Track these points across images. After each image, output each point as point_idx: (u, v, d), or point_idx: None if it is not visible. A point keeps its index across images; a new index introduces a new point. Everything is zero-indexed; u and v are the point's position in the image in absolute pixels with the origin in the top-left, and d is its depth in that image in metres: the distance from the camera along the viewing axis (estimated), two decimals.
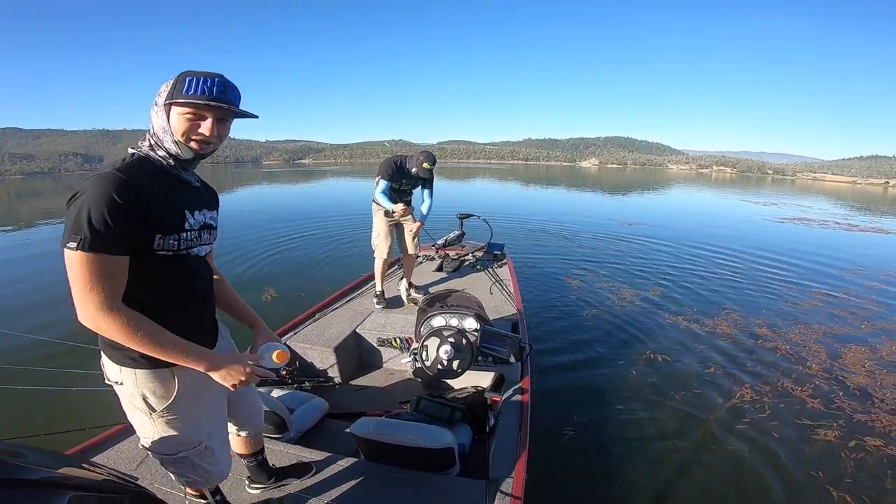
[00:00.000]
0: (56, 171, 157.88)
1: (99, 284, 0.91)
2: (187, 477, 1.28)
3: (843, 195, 34.32)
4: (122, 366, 1.08)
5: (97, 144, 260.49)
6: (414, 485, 1.66)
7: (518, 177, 43.49)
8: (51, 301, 5.39)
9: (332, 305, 3.50)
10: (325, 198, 19.93)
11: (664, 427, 2.93)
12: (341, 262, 7.18)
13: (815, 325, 4.77)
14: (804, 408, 3.18)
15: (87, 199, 0.90)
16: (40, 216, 14.71)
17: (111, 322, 0.93)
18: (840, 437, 2.86)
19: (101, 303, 0.92)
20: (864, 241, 10.83)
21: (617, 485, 2.41)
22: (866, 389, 3.44)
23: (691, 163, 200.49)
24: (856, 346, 4.22)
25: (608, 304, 5.20)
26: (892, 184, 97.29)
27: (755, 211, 16.73)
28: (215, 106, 1.01)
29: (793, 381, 3.55)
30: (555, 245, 8.63)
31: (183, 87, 0.99)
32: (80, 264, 0.90)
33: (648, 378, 3.52)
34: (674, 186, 34.84)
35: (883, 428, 2.96)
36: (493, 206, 15.02)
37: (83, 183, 0.93)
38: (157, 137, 1.05)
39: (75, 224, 0.90)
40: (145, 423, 1.16)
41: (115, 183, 0.93)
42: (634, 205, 18.78)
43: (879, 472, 2.56)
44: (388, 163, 3.39)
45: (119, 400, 1.17)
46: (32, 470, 0.76)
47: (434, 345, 2.21)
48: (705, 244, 9.07)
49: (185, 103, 1.00)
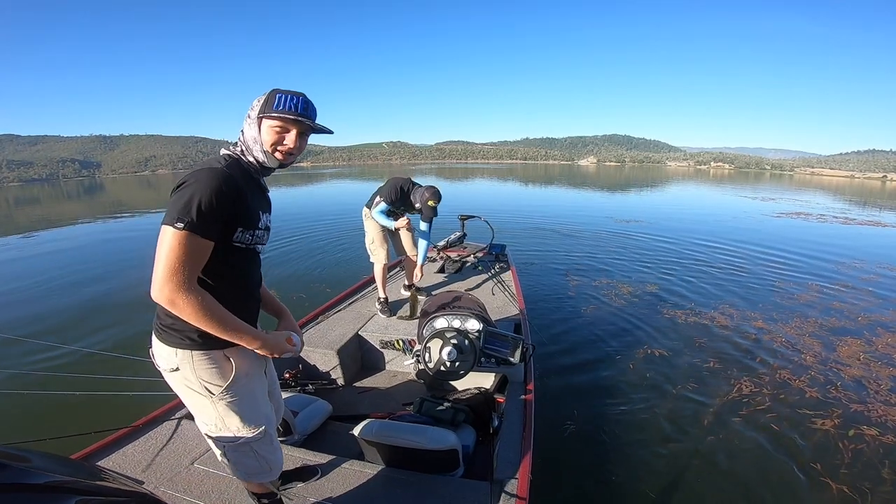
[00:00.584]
0: (54, 178, 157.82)
1: (188, 263, 1.01)
2: (247, 467, 1.32)
3: (842, 190, 34.41)
4: (179, 348, 1.16)
5: (94, 150, 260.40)
6: (418, 487, 1.66)
7: (517, 176, 43.42)
8: (54, 306, 5.43)
9: (335, 308, 3.49)
10: (325, 200, 19.90)
11: (666, 424, 2.93)
12: (343, 265, 7.17)
13: (812, 318, 4.80)
14: (802, 398, 3.22)
15: (200, 187, 1.02)
16: (41, 224, 14.69)
17: (187, 299, 1.01)
18: (838, 426, 2.89)
19: (183, 281, 1.01)
20: (861, 234, 10.86)
21: (623, 483, 2.41)
22: (861, 381, 3.47)
23: (689, 159, 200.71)
24: (851, 339, 4.26)
25: (610, 302, 5.20)
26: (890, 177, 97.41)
27: (754, 207, 16.72)
28: (300, 121, 1.16)
29: (790, 372, 3.58)
30: (556, 244, 8.63)
31: (273, 103, 1.14)
32: (179, 243, 1.00)
33: (650, 374, 3.52)
34: (673, 183, 34.84)
35: (879, 418, 2.99)
36: (493, 207, 15.02)
37: (193, 173, 1.06)
38: (247, 145, 1.19)
39: (185, 207, 1.00)
40: (206, 408, 1.22)
41: (224, 177, 1.07)
42: (634, 203, 18.77)
43: (876, 462, 2.58)
44: (394, 186, 3.22)
45: (172, 390, 1.24)
46: (38, 474, 0.76)
47: (437, 346, 2.20)
48: (704, 240, 9.10)
49: (275, 117, 1.14)
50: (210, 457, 1.82)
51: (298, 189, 27.66)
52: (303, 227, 10.88)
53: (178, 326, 1.13)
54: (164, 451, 1.85)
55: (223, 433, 1.25)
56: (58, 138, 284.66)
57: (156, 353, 1.21)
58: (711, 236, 9.54)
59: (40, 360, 3.70)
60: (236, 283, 1.21)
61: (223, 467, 1.76)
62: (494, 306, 3.42)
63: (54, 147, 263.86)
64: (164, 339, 1.17)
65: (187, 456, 1.83)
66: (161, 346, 1.18)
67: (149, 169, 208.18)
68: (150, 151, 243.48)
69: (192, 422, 2.05)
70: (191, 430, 1.99)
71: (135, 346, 3.87)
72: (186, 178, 1.06)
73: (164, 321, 1.15)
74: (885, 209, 18.00)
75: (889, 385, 3.40)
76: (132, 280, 6.65)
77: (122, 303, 5.60)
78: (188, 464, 1.78)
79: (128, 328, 4.76)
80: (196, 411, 1.26)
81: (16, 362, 3.69)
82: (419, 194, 3.21)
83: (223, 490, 1.65)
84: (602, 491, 2.37)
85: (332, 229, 10.51)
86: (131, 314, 5.21)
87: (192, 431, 1.98)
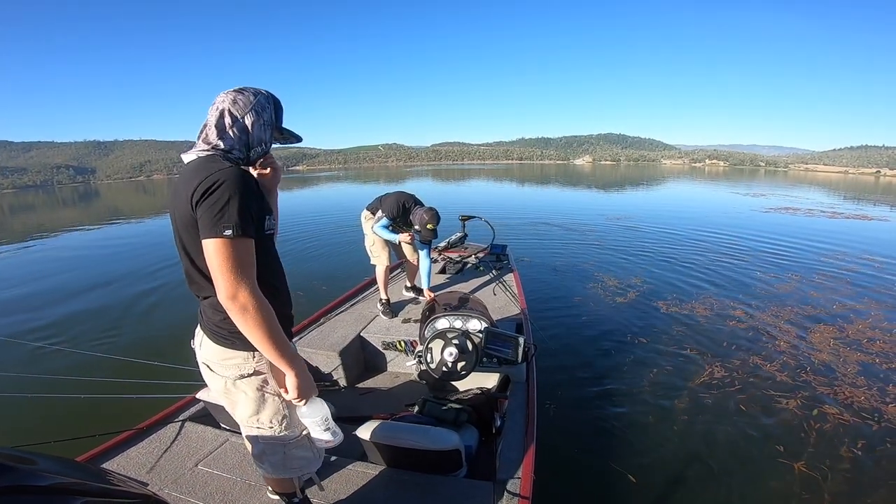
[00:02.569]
0: (49, 184, 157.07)
1: (249, 266, 1.03)
2: (301, 461, 1.34)
3: (836, 185, 34.68)
4: (256, 350, 1.15)
5: (89, 156, 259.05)
6: (421, 487, 1.66)
7: (514, 176, 43.53)
8: (58, 310, 5.46)
9: (337, 310, 3.49)
10: (323, 202, 19.88)
11: (668, 423, 2.93)
12: (344, 266, 7.18)
13: (788, 306, 4.97)
14: (773, 381, 3.40)
15: (228, 191, 1.01)
16: (35, 231, 14.61)
17: (257, 301, 1.02)
18: (802, 406, 3.08)
19: (251, 284, 1.02)
20: (846, 227, 11.11)
21: (625, 482, 2.41)
22: (830, 365, 3.65)
23: (684, 157, 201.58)
24: (824, 326, 4.43)
25: (611, 300, 5.22)
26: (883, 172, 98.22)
27: (746, 203, 16.84)
28: (297, 138, 1.30)
29: (762, 358, 3.77)
30: (556, 243, 8.66)
31: (281, 114, 1.23)
32: (234, 249, 1.01)
33: (652, 373, 3.54)
34: (668, 181, 35.01)
35: (844, 399, 3.15)
36: (493, 207, 15.07)
37: (214, 178, 1.02)
38: (246, 144, 1.18)
39: (224, 213, 1.00)
40: (277, 410, 1.24)
41: (248, 176, 1.09)
42: (631, 201, 18.82)
43: (837, 441, 2.72)
44: (395, 202, 3.22)
45: (237, 398, 1.24)
46: (43, 476, 0.76)
47: (439, 347, 2.20)
48: (702, 236, 9.20)
49: (281, 133, 1.25)
50: (214, 459, 1.82)
51: (293, 193, 27.61)
52: (301, 229, 10.88)
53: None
54: (169, 453, 1.85)
55: (287, 431, 1.26)
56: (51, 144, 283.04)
57: (220, 363, 1.19)
58: (710, 233, 9.70)
59: (45, 364, 3.73)
60: (277, 268, 1.27)
61: (228, 469, 1.76)
62: (496, 306, 3.42)
63: (48, 153, 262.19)
64: (239, 344, 1.16)
65: (191, 458, 1.83)
66: (233, 352, 1.17)
67: (144, 174, 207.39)
68: (146, 156, 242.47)
69: (196, 424, 2.04)
70: (195, 433, 1.99)
71: (138, 350, 3.88)
72: (206, 183, 1.02)
73: (232, 328, 1.12)
74: (874, 203, 18.30)
75: (856, 369, 3.58)
76: (135, 284, 6.67)
77: (126, 307, 5.62)
78: (192, 465, 1.78)
79: (131, 331, 4.78)
80: (267, 414, 1.24)
81: (21, 366, 3.71)
82: (418, 216, 3.15)
83: (227, 492, 1.65)
84: (605, 490, 2.37)
85: (330, 231, 10.54)
86: (135, 318, 5.24)
87: (196, 434, 1.98)
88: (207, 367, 1.23)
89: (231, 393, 1.23)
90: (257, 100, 1.17)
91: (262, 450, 1.30)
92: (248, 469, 1.74)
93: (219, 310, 1.11)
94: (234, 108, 1.15)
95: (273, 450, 1.29)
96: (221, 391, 1.24)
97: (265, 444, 1.29)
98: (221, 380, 1.21)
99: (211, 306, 1.15)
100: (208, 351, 1.21)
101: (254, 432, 1.28)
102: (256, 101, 1.17)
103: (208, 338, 1.20)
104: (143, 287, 6.51)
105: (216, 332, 1.17)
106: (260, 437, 1.28)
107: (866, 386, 3.31)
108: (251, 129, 1.17)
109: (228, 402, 1.26)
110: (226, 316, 1.09)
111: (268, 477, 1.46)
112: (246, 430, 1.30)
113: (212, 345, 1.19)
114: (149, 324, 5.04)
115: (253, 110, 1.16)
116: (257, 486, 1.66)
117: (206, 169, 1.06)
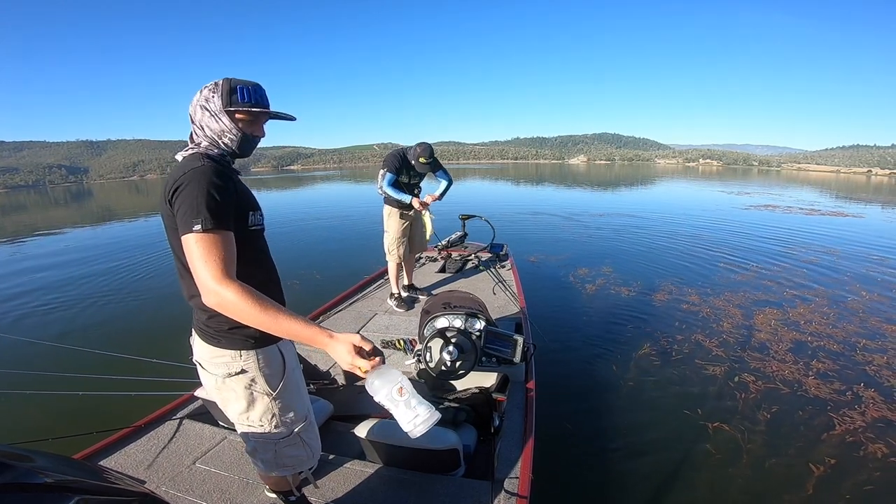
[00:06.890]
0: (41, 184, 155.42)
1: (219, 258, 1.00)
2: (294, 459, 1.33)
3: (827, 184, 35.08)
4: (244, 349, 1.17)
5: (81, 156, 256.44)
6: (419, 486, 1.66)
7: (509, 176, 43.58)
8: (56, 307, 5.45)
9: (335, 308, 3.49)
10: (319, 202, 19.83)
11: (668, 422, 2.95)
12: (343, 265, 7.14)
13: (742, 292, 5.30)
14: (709, 355, 3.76)
15: (195, 187, 1.02)
16: (28, 231, 14.45)
17: (233, 291, 0.98)
18: (725, 372, 3.47)
19: (222, 274, 0.99)
20: (820, 223, 11.47)
21: (623, 482, 2.42)
22: (766, 343, 3.99)
23: (678, 157, 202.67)
24: (770, 310, 4.71)
25: (611, 300, 5.25)
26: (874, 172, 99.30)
27: (740, 201, 16.99)
28: (270, 112, 1.20)
29: (705, 335, 4.16)
30: (556, 243, 8.69)
31: (237, 95, 1.14)
32: (203, 242, 0.99)
33: (652, 372, 3.55)
34: (662, 180, 35.24)
35: (772, 372, 3.48)
36: (492, 207, 15.07)
37: (181, 178, 1.04)
38: (212, 139, 1.17)
39: (192, 209, 1.00)
40: (267, 408, 1.23)
41: (213, 170, 1.07)
42: (628, 200, 18.94)
43: (758, 407, 3.03)
44: (393, 155, 3.33)
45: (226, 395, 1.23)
46: (41, 474, 0.75)
47: (438, 346, 2.19)
48: (699, 232, 9.30)
49: (245, 111, 1.15)
50: (212, 456, 1.81)
51: (289, 192, 27.51)
52: (299, 229, 10.86)
53: (237, 327, 1.14)
54: (166, 450, 1.85)
55: (278, 429, 1.26)
56: (43, 144, 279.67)
57: (210, 361, 1.20)
58: (707, 226, 10.06)
59: (42, 361, 3.71)
60: (268, 265, 1.28)
61: (226, 466, 1.75)
62: (496, 305, 3.43)
63: (40, 153, 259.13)
64: (225, 343, 1.16)
65: (189, 455, 1.82)
66: (220, 351, 1.17)
67: (137, 174, 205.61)
68: (139, 156, 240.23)
69: (193, 422, 2.04)
70: (192, 430, 1.98)
71: (136, 346, 3.86)
72: (177, 183, 1.04)
73: (221, 326, 1.14)
74: (857, 201, 18.74)
75: (788, 346, 3.92)
76: (132, 282, 6.64)
77: (124, 304, 5.61)
78: (190, 463, 1.78)
79: (129, 328, 4.78)
80: (255, 414, 1.23)
81: (17, 363, 3.69)
82: (412, 154, 3.29)
83: (225, 489, 1.65)
84: (603, 490, 2.38)
85: (329, 231, 10.51)
86: (133, 314, 5.24)
87: (194, 431, 1.97)
88: (200, 365, 1.25)
89: (222, 390, 1.24)
90: (202, 94, 1.16)
91: (255, 447, 1.32)
92: (246, 467, 1.74)
93: (205, 309, 1.10)
94: (191, 109, 1.18)
95: (264, 447, 1.30)
96: (213, 389, 1.25)
97: (256, 442, 1.29)
98: (212, 378, 1.22)
99: (198, 305, 1.15)
100: (200, 349, 1.22)
101: (246, 429, 1.28)
102: (202, 96, 1.16)
103: (199, 336, 1.22)
104: (142, 284, 6.49)
105: (204, 332, 1.19)
106: (251, 434, 1.28)
107: (793, 361, 3.66)
108: (205, 123, 1.16)
109: (220, 399, 1.27)
110: (211, 315, 1.10)
111: (263, 475, 1.46)
112: (239, 427, 1.31)
113: (202, 343, 1.20)
114: (147, 321, 5.02)
115: (199, 105, 1.16)
116: (255, 484, 1.66)
117: (179, 168, 1.08)
